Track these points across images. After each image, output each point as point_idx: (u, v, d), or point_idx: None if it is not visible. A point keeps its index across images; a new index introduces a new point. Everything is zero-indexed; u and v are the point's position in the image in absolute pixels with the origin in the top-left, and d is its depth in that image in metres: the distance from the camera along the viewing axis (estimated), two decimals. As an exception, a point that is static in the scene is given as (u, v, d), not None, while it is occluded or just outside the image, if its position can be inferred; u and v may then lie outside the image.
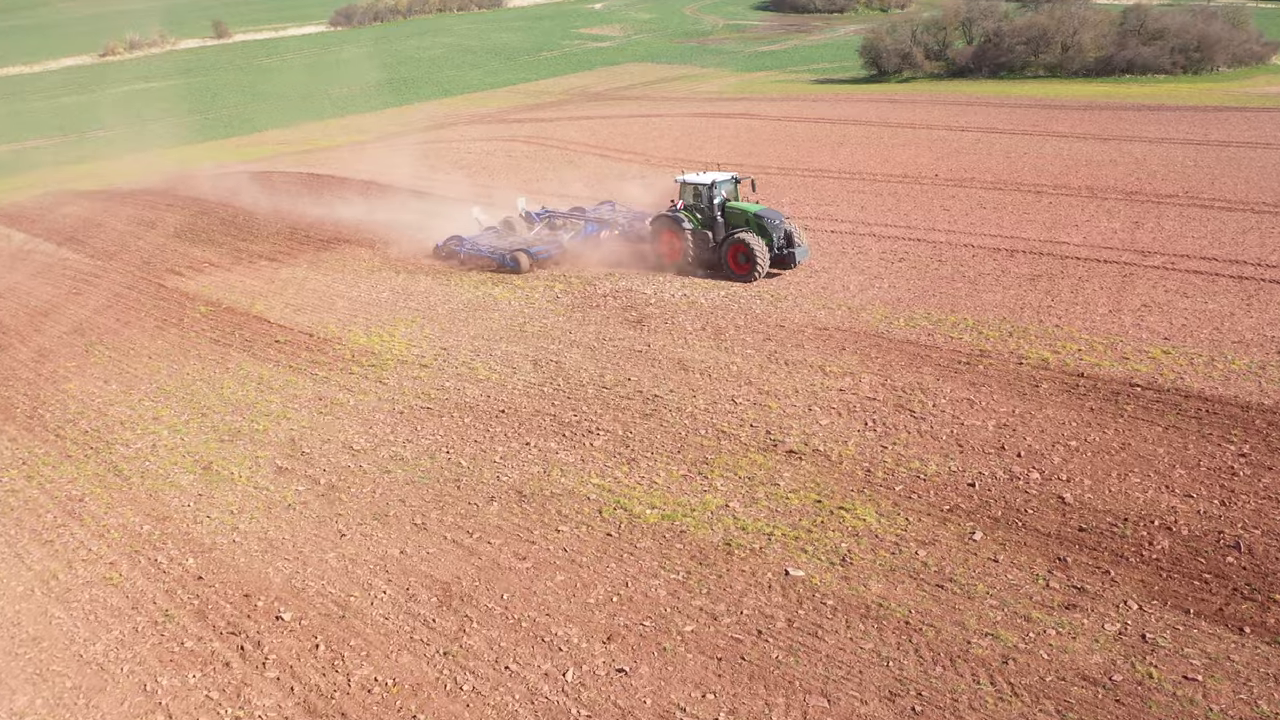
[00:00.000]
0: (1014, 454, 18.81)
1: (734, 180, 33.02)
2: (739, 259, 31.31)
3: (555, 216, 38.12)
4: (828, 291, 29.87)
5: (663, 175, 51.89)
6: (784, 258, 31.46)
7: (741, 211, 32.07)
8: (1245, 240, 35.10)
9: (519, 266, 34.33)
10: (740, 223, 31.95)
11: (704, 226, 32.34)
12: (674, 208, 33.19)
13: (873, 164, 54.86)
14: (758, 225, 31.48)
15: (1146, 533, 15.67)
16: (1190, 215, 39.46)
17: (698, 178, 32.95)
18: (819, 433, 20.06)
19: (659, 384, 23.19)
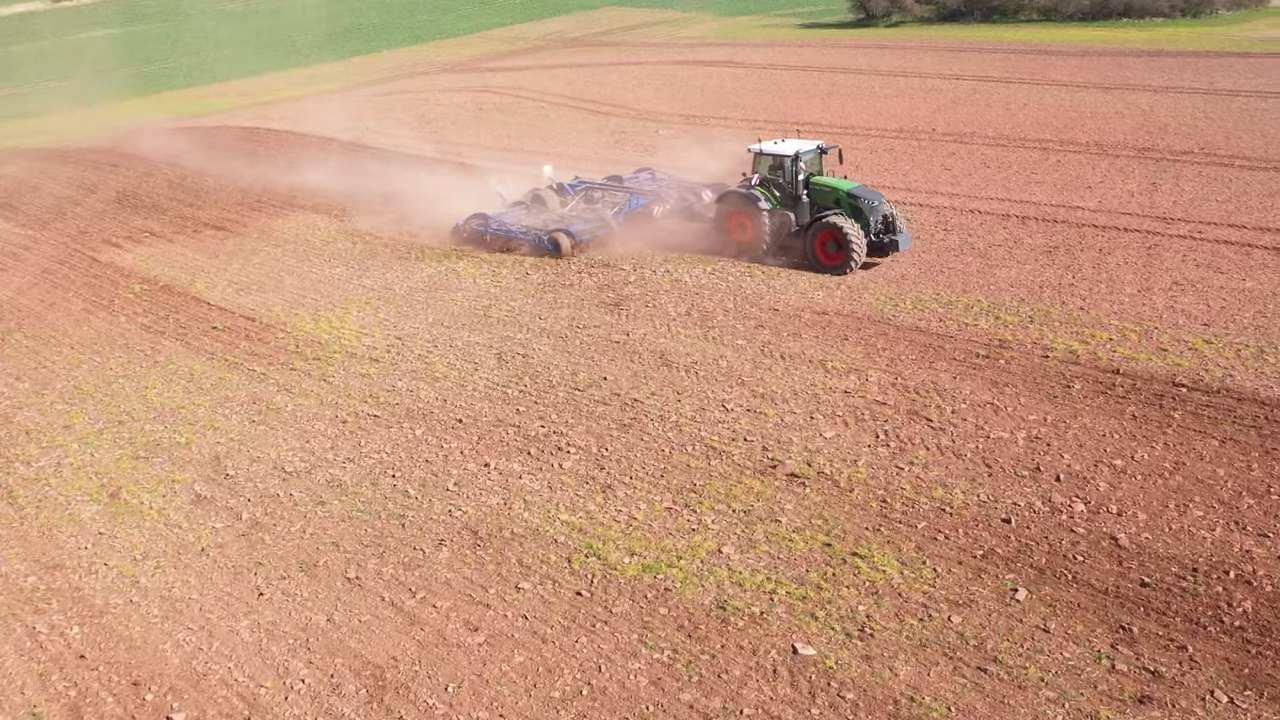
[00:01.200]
0: (1051, 477, 16.18)
1: (819, 150, 27.91)
2: (829, 247, 26.32)
3: (592, 188, 33.16)
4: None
5: (643, 128, 48.55)
6: (882, 245, 26.52)
7: (831, 189, 26.97)
8: (1274, 205, 32.39)
9: (559, 250, 29.31)
10: (830, 203, 26.91)
11: (784, 206, 27.45)
12: (746, 182, 28.26)
13: (866, 117, 51.67)
14: (851, 206, 26.48)
15: (1222, 588, 13.10)
16: (1210, 175, 36.69)
17: (777, 147, 27.81)
18: (824, 449, 17.36)
19: (639, 384, 20.39)
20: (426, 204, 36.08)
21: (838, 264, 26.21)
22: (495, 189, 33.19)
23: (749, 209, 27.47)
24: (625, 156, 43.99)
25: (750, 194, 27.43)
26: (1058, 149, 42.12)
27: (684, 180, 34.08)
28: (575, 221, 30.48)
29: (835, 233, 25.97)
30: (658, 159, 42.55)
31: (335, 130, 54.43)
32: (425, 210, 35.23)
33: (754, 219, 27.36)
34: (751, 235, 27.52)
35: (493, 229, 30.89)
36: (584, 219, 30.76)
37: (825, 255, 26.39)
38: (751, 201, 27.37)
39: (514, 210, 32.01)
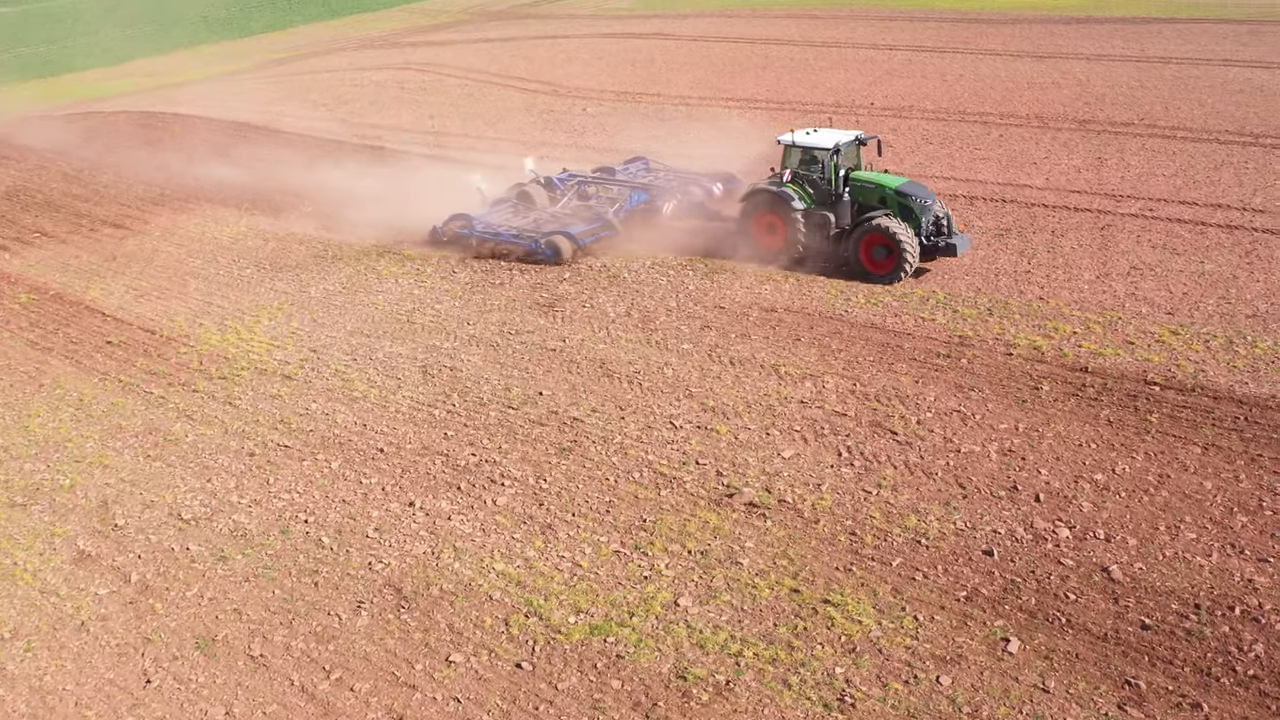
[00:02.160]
0: (1030, 496, 14.90)
1: (857, 142, 24.68)
2: (876, 253, 23.28)
3: (585, 182, 29.97)
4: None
5: (572, 107, 46.45)
6: (936, 249, 23.52)
7: (877, 186, 23.79)
8: (1221, 179, 31.73)
9: (559, 255, 25.80)
10: (874, 201, 23.80)
11: (821, 206, 24.32)
12: (775, 177, 24.92)
13: (802, 90, 50.25)
14: (900, 205, 23.46)
15: (1229, 628, 11.92)
16: (1154, 148, 35.99)
17: (811, 139, 24.44)
18: (783, 471, 15.87)
19: (578, 399, 18.68)
20: (344, 194, 33.78)
21: (887, 272, 23.15)
22: (477, 185, 29.54)
23: (780, 209, 24.24)
24: (556, 138, 41.99)
25: (782, 192, 24.15)
26: (999, 122, 41.20)
27: (686, 172, 31.11)
28: (572, 222, 27.23)
29: (884, 237, 22.91)
30: (592, 140, 40.61)
31: (246, 114, 51.38)
32: (343, 202, 32.94)
33: (786, 221, 24.19)
34: (782, 239, 24.38)
35: (478, 232, 27.30)
36: (581, 219, 27.48)
37: (872, 262, 23.33)
38: (784, 201, 24.13)
39: (499, 209, 28.51)
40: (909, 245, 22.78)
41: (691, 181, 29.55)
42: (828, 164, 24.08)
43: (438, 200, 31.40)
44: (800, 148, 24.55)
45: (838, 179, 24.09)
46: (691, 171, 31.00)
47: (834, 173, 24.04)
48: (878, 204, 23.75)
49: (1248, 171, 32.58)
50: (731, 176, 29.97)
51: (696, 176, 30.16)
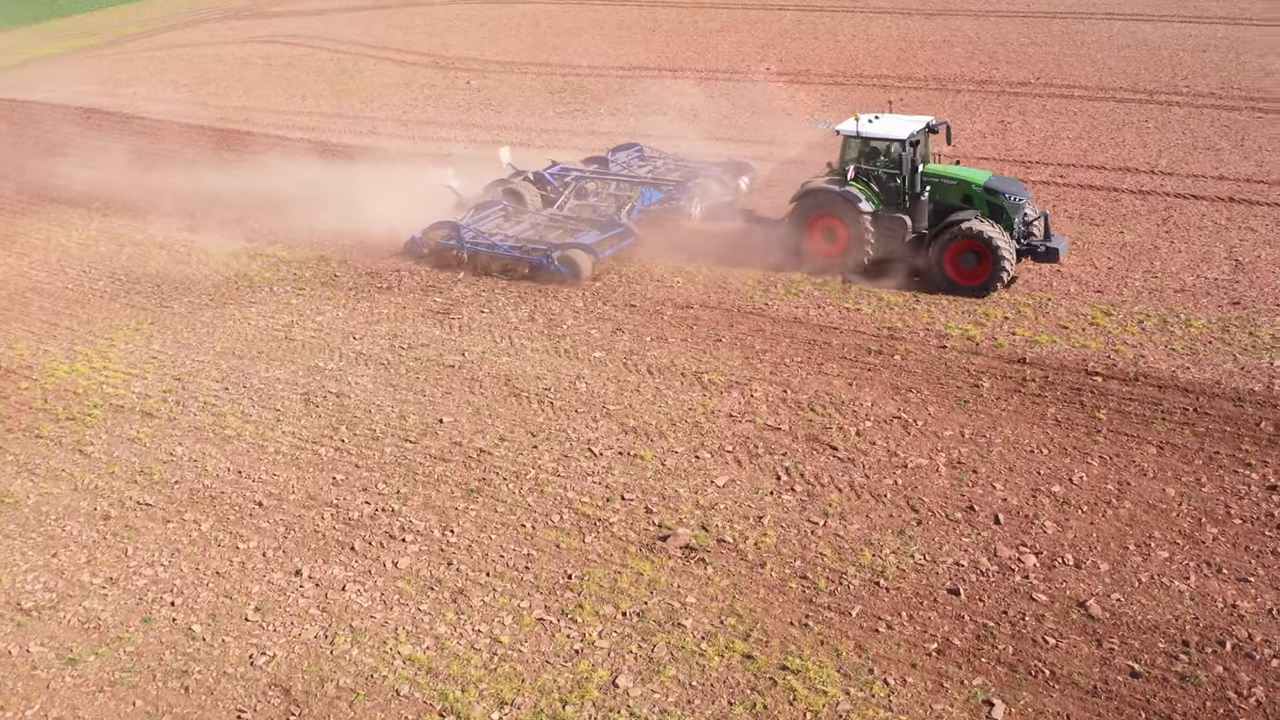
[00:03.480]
0: (989, 518, 13.68)
1: (927, 129, 21.33)
2: (966, 261, 20.18)
3: (584, 177, 25.98)
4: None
5: (453, 81, 43.53)
6: (1033, 253, 20.66)
7: (959, 182, 20.74)
8: (1125, 140, 31.33)
9: (578, 274, 21.89)
10: (956, 200, 20.76)
11: (892, 207, 21.21)
12: (835, 174, 21.55)
13: (693, 55, 48.52)
14: (988, 204, 20.53)
15: (1223, 668, 10.87)
16: (1054, 109, 35.51)
17: (879, 128, 20.97)
18: (719, 503, 14.29)
19: (484, 426, 16.74)
20: (212, 188, 30.75)
21: (980, 282, 20.16)
22: (449, 183, 25.79)
23: (844, 212, 21.04)
24: (440, 116, 39.34)
25: (847, 192, 20.95)
26: (897, 85, 40.25)
27: (695, 162, 27.49)
28: (581, 228, 23.37)
29: (976, 244, 19.89)
30: (479, 117, 38.12)
31: (96, 97, 47.06)
32: (209, 197, 29.96)
33: (851, 225, 21.03)
34: (845, 246, 21.28)
35: (470, 244, 23.12)
36: (590, 223, 23.52)
37: (960, 273, 20.35)
38: (849, 202, 20.92)
39: (488, 214, 24.30)
40: (1007, 252, 19.77)
41: (707, 174, 25.94)
42: (904, 158, 20.74)
43: (318, 194, 28.75)
44: (865, 139, 21.09)
45: (914, 175, 20.90)
46: (702, 161, 27.41)
47: (910, 168, 20.81)
48: (961, 203, 20.69)
49: (1149, 131, 32.29)
50: (747, 166, 26.83)
51: (709, 167, 26.57)
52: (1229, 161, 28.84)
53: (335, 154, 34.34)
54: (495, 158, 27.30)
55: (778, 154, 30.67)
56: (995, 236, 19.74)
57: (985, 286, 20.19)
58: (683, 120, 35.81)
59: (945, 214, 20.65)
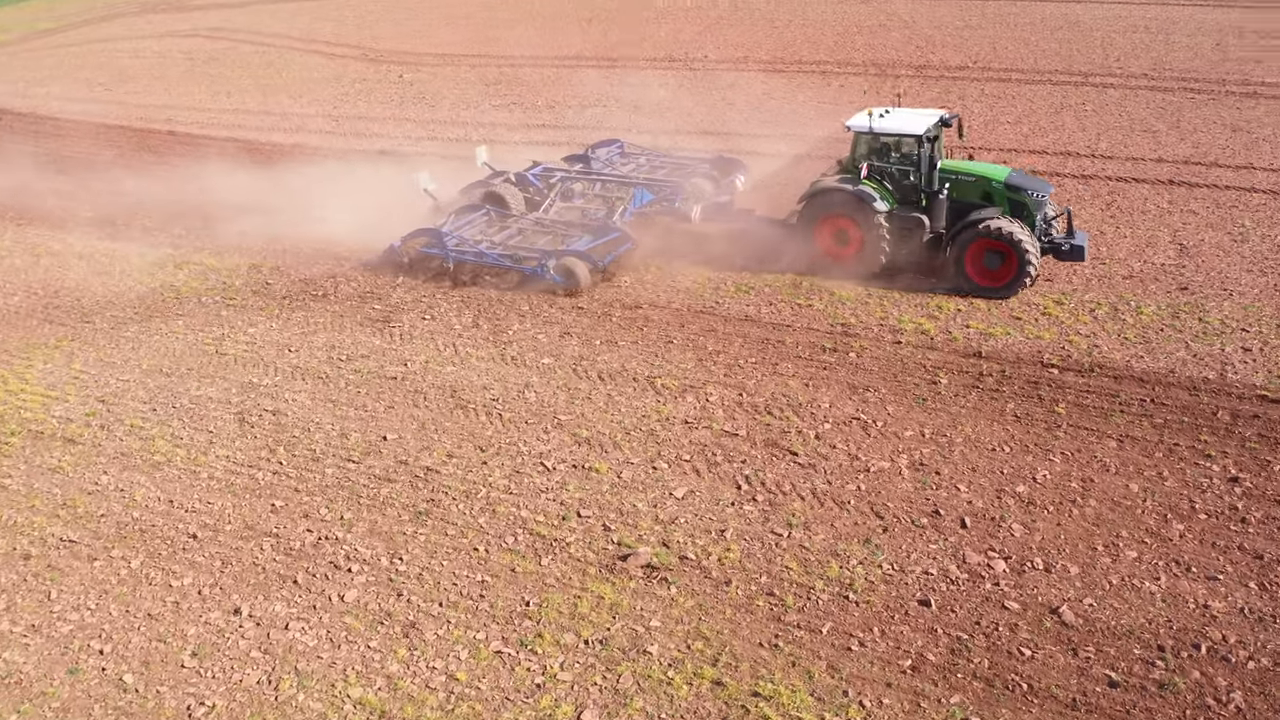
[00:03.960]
0: (955, 522, 13.37)
1: (941, 123, 20.27)
2: (988, 262, 19.34)
3: (570, 178, 24.57)
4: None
5: (385, 75, 42.24)
6: (1058, 251, 19.72)
7: (978, 178, 19.83)
8: (1064, 124, 31.46)
9: (575, 283, 20.74)
10: (975, 197, 19.85)
11: (908, 206, 20.28)
12: (845, 172, 20.55)
13: (630, 44, 47.93)
14: (1010, 201, 19.63)
15: (1200, 673, 10.66)
16: (992, 93, 35.61)
17: (891, 123, 19.90)
18: (679, 517, 13.79)
19: (431, 442, 16.03)
20: (134, 193, 29.42)
21: (1004, 284, 19.37)
22: (424, 185, 24.28)
23: (858, 212, 20.05)
24: (373, 111, 38.19)
25: (861, 192, 19.95)
26: (837, 71, 40.09)
27: (682, 157, 26.17)
28: (573, 234, 22.09)
29: (999, 243, 19.04)
30: (412, 111, 37.05)
31: (7, 98, 44.97)
32: (131, 203, 28.66)
33: (865, 226, 20.07)
34: (859, 247, 20.32)
35: (455, 253, 21.71)
36: (583, 228, 22.23)
37: (981, 274, 19.51)
38: (863, 202, 19.96)
39: (470, 220, 22.93)
40: (1033, 251, 18.91)
41: (697, 172, 24.80)
42: (919, 155, 19.89)
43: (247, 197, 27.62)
44: (878, 135, 20.08)
45: (932, 172, 20.05)
46: (689, 158, 26.23)
47: (927, 165, 19.99)
48: (980, 200, 19.79)
49: (1086, 114, 32.46)
50: (738, 163, 25.67)
51: (698, 164, 25.40)
52: (1166, 143, 29.06)
53: (264, 153, 33.13)
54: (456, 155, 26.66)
55: (736, 146, 30.21)
56: (1021, 236, 18.83)
57: (1009, 288, 19.34)
58: (632, 111, 35.19)
59: (963, 212, 19.71)
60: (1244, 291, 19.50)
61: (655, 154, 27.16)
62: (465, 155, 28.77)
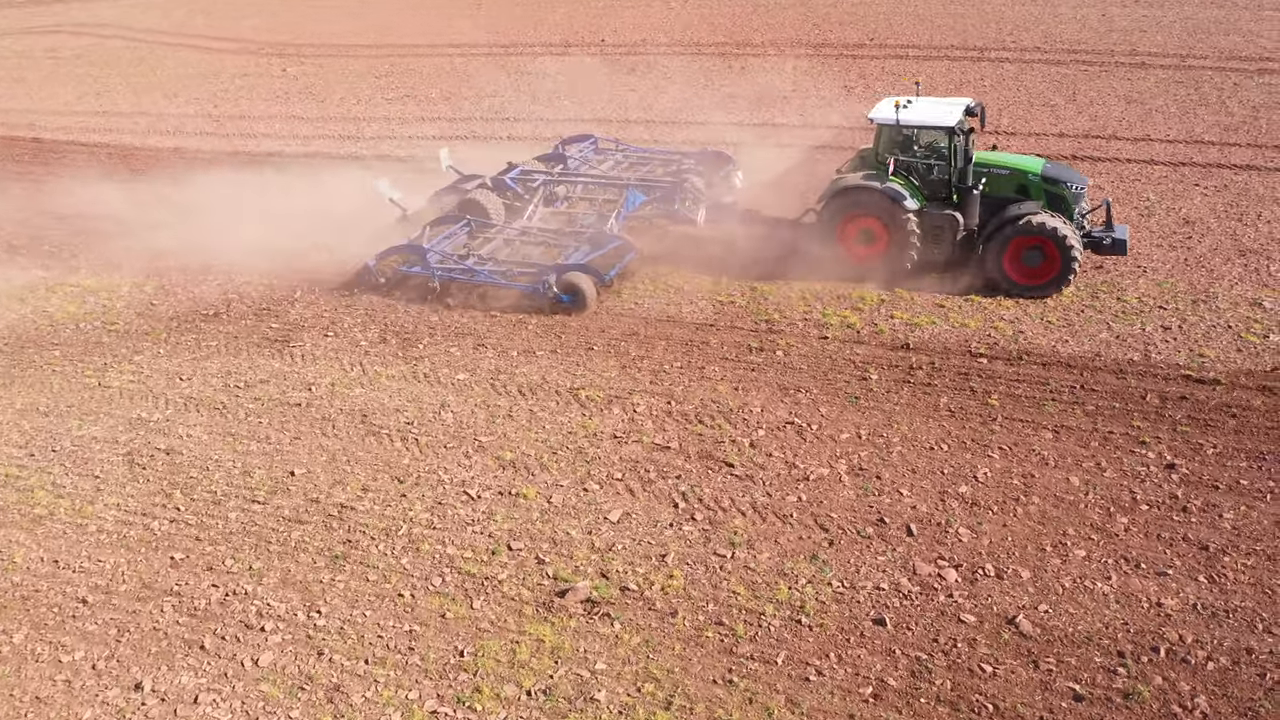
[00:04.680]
0: (901, 530, 12.96)
1: (966, 112, 19.10)
2: (1028, 259, 18.35)
3: (551, 180, 22.74)
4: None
5: (267, 68, 40.10)
6: (1099, 246, 18.76)
7: (1013, 171, 18.80)
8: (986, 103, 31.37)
9: (582, 302, 19.10)
10: (1008, 192, 18.87)
11: (937, 203, 19.17)
12: (869, 169, 19.29)
13: (525, 28, 46.67)
14: (1047, 195, 18.67)
15: (1162, 678, 10.45)
16: (893, 71, 35.59)
17: (918, 114, 18.72)
18: (617, 543, 13.07)
19: (343, 475, 14.95)
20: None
21: (1045, 282, 18.41)
22: (385, 194, 22.32)
23: (887, 212, 18.80)
24: (257, 109, 36.22)
25: (890, 189, 18.72)
26: (736, 53, 39.64)
27: (669, 153, 24.72)
28: (569, 244, 20.34)
29: (1044, 238, 18.01)
30: (299, 108, 35.22)
31: None
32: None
33: (894, 225, 18.82)
34: (884, 249, 19.11)
35: (440, 271, 19.87)
36: (575, 236, 20.55)
37: (1021, 271, 18.50)
38: (893, 200, 18.71)
39: (452, 232, 20.98)
40: (1078, 247, 17.99)
41: (685, 169, 23.26)
42: (954, 148, 18.75)
43: (124, 209, 25.74)
44: (906, 128, 18.90)
45: (966, 167, 18.91)
46: (673, 153, 24.77)
47: (962, 159, 18.87)
48: (1014, 194, 18.83)
49: (986, 89, 32.65)
50: (726, 157, 24.28)
51: (683, 160, 23.91)
52: (1065, 117, 29.37)
53: (140, 159, 31.06)
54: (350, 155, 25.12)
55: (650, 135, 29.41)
56: (1066, 231, 17.89)
57: (1051, 285, 18.44)
58: (530, 101, 34.06)
59: (995, 208, 18.75)
60: (1156, 268, 19.65)
61: (634, 150, 25.71)
62: (362, 155, 27.43)
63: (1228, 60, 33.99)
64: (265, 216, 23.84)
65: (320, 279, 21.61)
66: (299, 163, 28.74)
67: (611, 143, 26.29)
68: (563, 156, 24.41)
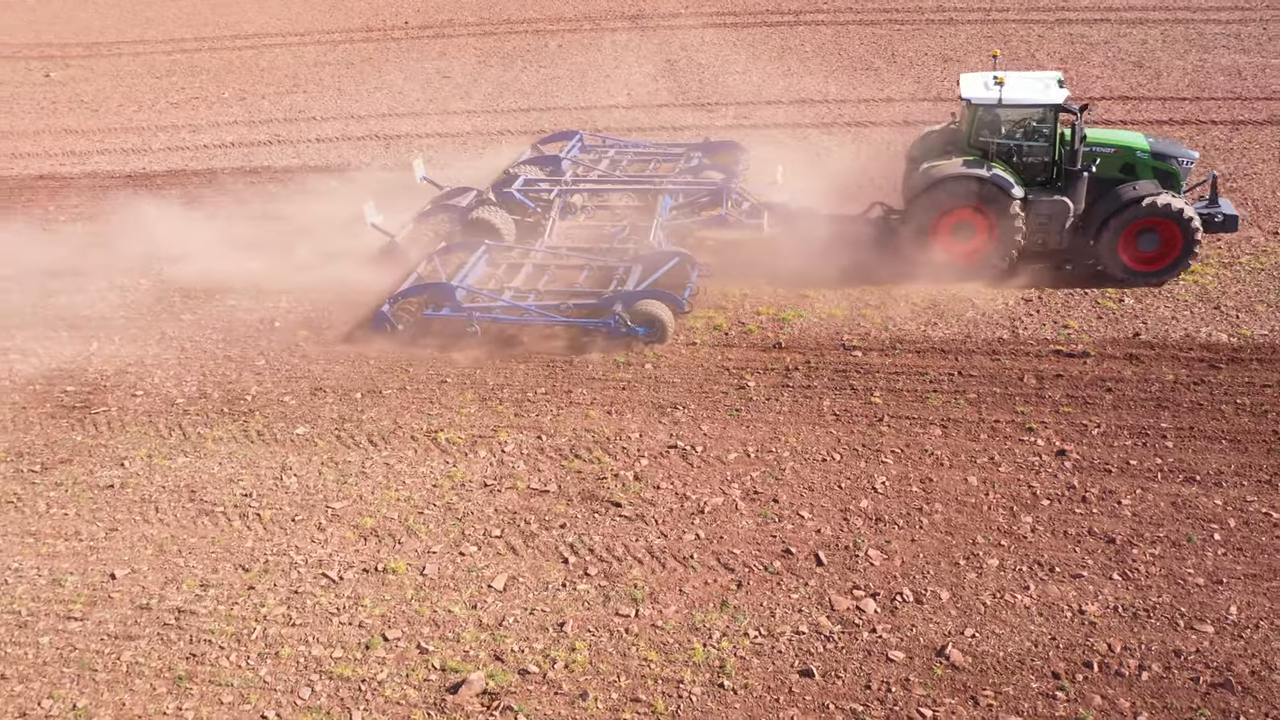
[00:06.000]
0: (809, 560, 12.18)
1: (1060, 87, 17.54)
2: (1143, 244, 17.06)
3: (564, 188, 20.18)
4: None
5: (27, 73, 35.42)
6: (1211, 223, 17.35)
7: (1117, 149, 17.30)
8: (789, 68, 31.12)
9: (663, 334, 16.71)
10: (1113, 171, 17.36)
11: (1040, 189, 17.56)
12: (963, 155, 17.40)
13: (320, 14, 43.33)
14: (1156, 172, 17.29)
15: (1100, 696, 10.07)
16: (714, 40, 34.90)
17: (1024, 92, 17.16)
18: (507, 617, 11.73)
19: (176, 571, 12.91)
20: None
21: (1162, 267, 17.19)
22: (370, 221, 18.98)
23: (992, 203, 17.06)
24: (19, 124, 32.01)
25: (997, 178, 16.95)
26: (551, 29, 38.02)
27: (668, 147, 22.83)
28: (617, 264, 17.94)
29: (1162, 221, 16.71)
30: (69, 120, 31.28)
31: None
32: None
33: (999, 216, 17.12)
34: (984, 244, 17.46)
35: (479, 310, 17.09)
36: (618, 255, 18.21)
37: (1135, 256, 17.22)
38: (1000, 190, 16.96)
39: (470, 262, 18.15)
40: (1200, 228, 16.78)
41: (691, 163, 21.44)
42: (1075, 128, 16.93)
43: None
44: (1007, 108, 17.20)
45: (1075, 150, 16.99)
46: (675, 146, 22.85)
47: (1075, 138, 16.93)
48: (1120, 175, 17.42)
49: (808, 56, 32.44)
50: (735, 145, 22.40)
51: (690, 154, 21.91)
52: (889, 80, 29.39)
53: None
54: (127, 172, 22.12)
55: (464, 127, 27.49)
56: (1188, 212, 16.66)
57: (1169, 270, 17.26)
58: (337, 95, 31.43)
59: (1100, 190, 17.42)
60: (1006, 235, 19.57)
61: (629, 145, 23.60)
62: (152, 171, 24.51)
63: (1029, 11, 34.95)
64: (48, 249, 20.82)
65: (113, 325, 18.99)
66: (76, 186, 25.45)
67: (599, 137, 24.27)
68: (556, 159, 21.85)
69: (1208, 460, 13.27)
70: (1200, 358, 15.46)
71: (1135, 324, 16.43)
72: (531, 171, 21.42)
